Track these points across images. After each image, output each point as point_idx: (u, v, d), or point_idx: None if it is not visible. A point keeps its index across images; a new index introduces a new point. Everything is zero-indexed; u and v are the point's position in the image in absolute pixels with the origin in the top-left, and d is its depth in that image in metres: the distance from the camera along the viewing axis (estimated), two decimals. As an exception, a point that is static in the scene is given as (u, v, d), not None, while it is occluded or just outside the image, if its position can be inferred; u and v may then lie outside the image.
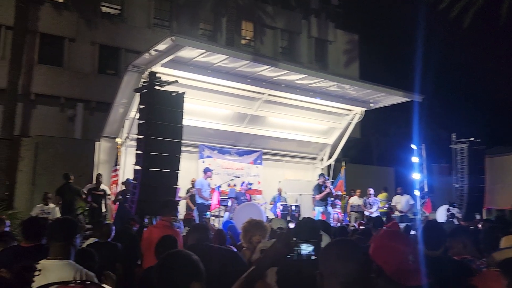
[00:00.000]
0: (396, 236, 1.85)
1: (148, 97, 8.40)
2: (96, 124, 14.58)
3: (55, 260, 2.85)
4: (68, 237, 2.95)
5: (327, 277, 1.66)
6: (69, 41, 16.54)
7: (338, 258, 1.66)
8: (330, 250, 1.73)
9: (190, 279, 1.90)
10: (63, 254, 2.89)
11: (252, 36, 21.13)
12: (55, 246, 2.90)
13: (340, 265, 1.64)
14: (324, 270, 1.68)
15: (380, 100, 14.00)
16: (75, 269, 2.85)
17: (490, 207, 17.72)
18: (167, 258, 2.04)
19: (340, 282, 1.62)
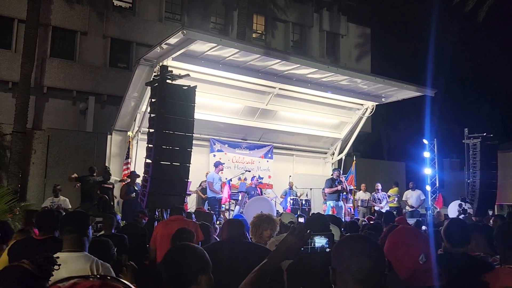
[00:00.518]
0: (413, 234, 1.87)
1: (160, 91, 8.40)
2: (108, 118, 14.69)
3: (70, 252, 2.86)
4: (80, 229, 2.97)
5: (340, 273, 1.61)
6: (81, 35, 16.61)
7: (352, 254, 1.61)
8: (344, 245, 1.68)
9: (197, 272, 1.89)
10: (77, 246, 2.90)
11: (263, 30, 21.03)
12: (68, 238, 2.91)
13: (354, 261, 1.59)
14: (337, 266, 1.63)
15: (392, 95, 13.89)
16: (91, 260, 2.86)
17: (502, 203, 17.54)
18: (174, 252, 2.02)
19: (353, 279, 1.58)
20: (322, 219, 3.89)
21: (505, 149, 18.10)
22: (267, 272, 1.93)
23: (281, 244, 1.96)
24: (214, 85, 12.20)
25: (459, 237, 3.13)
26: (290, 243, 1.92)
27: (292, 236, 1.93)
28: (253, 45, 12.06)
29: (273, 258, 1.94)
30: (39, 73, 15.45)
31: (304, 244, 1.93)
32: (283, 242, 1.95)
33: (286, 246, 1.93)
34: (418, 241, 1.80)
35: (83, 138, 13.67)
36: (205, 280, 1.90)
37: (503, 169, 15.83)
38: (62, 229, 2.98)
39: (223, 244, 3.49)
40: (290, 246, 1.92)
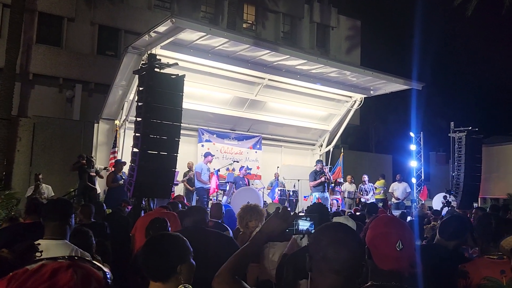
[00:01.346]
0: (391, 222, 1.90)
1: (147, 79, 8.32)
2: (95, 106, 14.54)
3: (50, 240, 2.85)
4: (63, 217, 2.96)
5: (317, 261, 1.60)
6: (68, 21, 16.36)
7: (329, 243, 1.59)
8: (322, 233, 1.65)
9: (177, 262, 1.86)
10: (58, 233, 2.89)
11: (253, 20, 20.93)
12: (50, 225, 2.91)
13: (330, 251, 1.57)
14: (314, 254, 1.62)
15: (380, 87, 13.95)
16: (71, 248, 2.86)
17: (485, 196, 17.84)
18: (152, 242, 1.98)
19: (329, 268, 1.57)
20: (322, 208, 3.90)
21: (490, 143, 18.38)
22: (249, 255, 1.91)
23: (264, 226, 1.94)
24: (203, 74, 12.13)
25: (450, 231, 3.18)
26: (274, 225, 1.90)
27: (276, 218, 1.90)
28: (243, 35, 12.02)
29: (257, 240, 1.92)
30: (24, 60, 15.20)
31: (288, 226, 1.91)
32: (267, 224, 1.93)
33: (270, 228, 1.90)
34: (396, 229, 1.83)
35: (69, 126, 13.53)
36: (185, 269, 1.88)
37: (487, 163, 16.08)
38: (45, 216, 2.97)
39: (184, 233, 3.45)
40: (274, 228, 1.89)
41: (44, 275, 0.86)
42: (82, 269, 0.89)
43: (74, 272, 0.86)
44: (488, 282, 2.64)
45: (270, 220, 1.92)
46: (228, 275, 1.81)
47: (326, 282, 1.58)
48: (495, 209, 7.92)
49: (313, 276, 1.63)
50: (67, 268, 0.87)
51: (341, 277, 1.56)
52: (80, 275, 0.86)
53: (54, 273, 0.86)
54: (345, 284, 1.58)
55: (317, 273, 1.61)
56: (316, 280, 1.62)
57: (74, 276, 0.86)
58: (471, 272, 2.72)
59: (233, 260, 1.86)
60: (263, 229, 1.93)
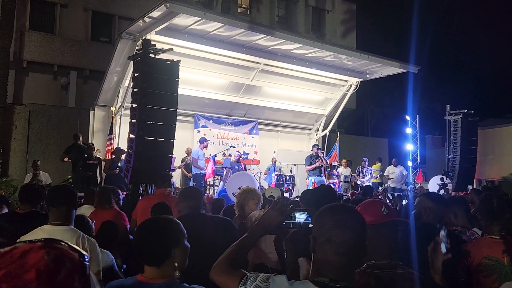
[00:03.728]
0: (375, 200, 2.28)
1: (143, 65, 8.29)
2: (90, 93, 14.47)
3: (56, 225, 2.86)
4: (69, 203, 2.96)
5: (321, 244, 1.62)
6: (60, 7, 16.17)
7: (334, 226, 1.60)
8: (327, 216, 1.66)
9: (171, 246, 1.86)
10: (64, 219, 2.89)
11: (248, 4, 20.73)
12: (57, 211, 2.90)
13: (335, 234, 1.60)
14: (318, 236, 1.63)
15: (376, 71, 13.93)
16: (77, 234, 2.86)
17: (480, 178, 17.99)
18: (145, 226, 1.97)
19: (334, 251, 1.59)
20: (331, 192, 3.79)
21: (485, 126, 18.47)
22: (246, 246, 1.94)
23: (262, 218, 1.96)
24: (199, 60, 12.07)
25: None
26: (271, 217, 1.91)
27: (273, 211, 1.92)
28: (237, 20, 11.91)
29: (254, 232, 1.94)
30: (18, 47, 15.05)
31: (285, 219, 1.93)
32: (264, 217, 1.94)
33: (266, 220, 1.92)
34: (380, 201, 2.16)
35: (65, 113, 13.46)
36: (179, 252, 1.89)
37: (482, 145, 16.19)
38: (52, 201, 2.95)
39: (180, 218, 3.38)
40: (271, 221, 1.91)
41: (14, 255, 0.86)
42: (55, 250, 0.89)
43: (46, 253, 0.87)
44: (489, 261, 2.68)
45: (267, 213, 1.94)
46: (225, 265, 1.83)
47: (330, 263, 1.60)
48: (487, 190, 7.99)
49: (317, 258, 1.66)
50: (39, 249, 0.87)
51: (345, 258, 1.59)
52: (52, 256, 0.87)
53: (25, 253, 0.86)
54: (350, 265, 1.61)
55: (321, 255, 1.63)
56: (320, 262, 1.64)
57: (45, 257, 0.86)
58: (473, 251, 2.76)
59: (231, 251, 1.89)
60: (260, 222, 1.95)
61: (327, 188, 3.88)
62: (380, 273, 1.92)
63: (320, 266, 1.65)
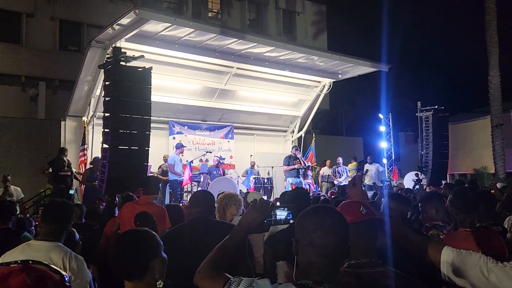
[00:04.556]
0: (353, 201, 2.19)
1: (114, 74, 8.18)
2: (61, 103, 14.14)
3: (43, 241, 2.79)
4: (63, 220, 2.91)
5: (304, 246, 1.61)
6: (26, 17, 15.80)
7: (316, 229, 1.59)
8: (309, 218, 1.65)
9: (149, 258, 1.83)
10: (53, 236, 2.83)
11: (219, 9, 20.71)
12: (45, 227, 2.86)
13: (318, 236, 1.59)
14: (301, 239, 1.63)
15: (348, 71, 14.11)
16: (64, 251, 2.78)
17: (453, 172, 18.44)
18: (121, 242, 1.94)
19: (316, 253, 1.58)
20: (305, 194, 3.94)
21: (455, 121, 18.96)
22: (229, 248, 1.92)
23: (243, 218, 1.95)
24: (171, 66, 11.98)
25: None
26: (252, 217, 1.91)
27: (253, 210, 1.91)
28: (208, 24, 11.89)
29: (236, 233, 1.93)
30: (-17, 59, 14.65)
31: (267, 217, 1.92)
32: (245, 217, 1.94)
33: (248, 220, 1.91)
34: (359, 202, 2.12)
35: (35, 125, 13.14)
36: (158, 264, 1.85)
37: (454, 140, 16.60)
38: (44, 216, 2.94)
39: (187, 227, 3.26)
40: (253, 220, 1.90)
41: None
42: (36, 272, 0.87)
43: (28, 276, 0.84)
44: None
45: (247, 213, 1.93)
46: (209, 269, 1.81)
47: (313, 265, 1.59)
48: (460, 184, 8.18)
49: (300, 260, 1.64)
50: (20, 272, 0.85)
51: (329, 260, 1.58)
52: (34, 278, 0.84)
53: (5, 277, 0.84)
54: (333, 266, 1.61)
55: (304, 257, 1.62)
56: (303, 264, 1.63)
57: (27, 280, 0.84)
58: (450, 244, 2.80)
59: (213, 255, 1.87)
60: (241, 222, 1.94)
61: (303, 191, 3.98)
62: (360, 272, 1.93)
63: (303, 268, 1.64)
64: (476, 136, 18.39)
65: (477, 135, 18.25)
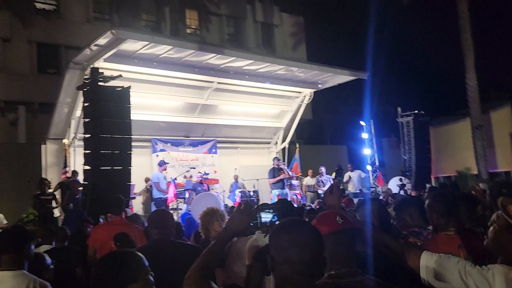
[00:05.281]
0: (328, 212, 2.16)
1: (92, 94, 8.15)
2: (41, 127, 13.97)
3: (6, 271, 2.74)
4: (19, 248, 2.84)
5: (279, 263, 1.59)
6: (3, 42, 15.70)
7: (290, 245, 1.58)
8: (282, 235, 1.63)
9: (126, 282, 1.78)
10: (14, 264, 2.78)
11: (197, 25, 20.84)
12: (6, 257, 2.79)
13: (292, 253, 1.57)
14: (276, 256, 1.61)
15: (328, 80, 14.24)
16: (28, 279, 2.74)
17: (438, 175, 18.65)
18: (99, 264, 1.90)
19: (292, 270, 1.57)
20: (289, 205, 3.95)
21: (436, 124, 19.21)
22: (216, 253, 1.91)
23: (228, 222, 1.95)
24: (151, 83, 11.95)
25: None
26: (237, 220, 1.91)
27: (239, 213, 1.92)
28: (186, 41, 11.96)
29: (222, 237, 1.92)
30: (-41, 86, 14.45)
31: (252, 220, 1.93)
32: (230, 220, 1.94)
33: (234, 223, 1.91)
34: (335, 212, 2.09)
35: (15, 150, 12.94)
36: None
37: (436, 143, 16.83)
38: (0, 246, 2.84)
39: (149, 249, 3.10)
40: (238, 223, 1.90)
41: None
42: None
43: None
44: None
45: (233, 216, 1.94)
46: (197, 276, 1.80)
47: (291, 281, 1.58)
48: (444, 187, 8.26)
49: (276, 277, 1.63)
50: None
51: (305, 275, 1.57)
52: None
53: None
54: (310, 280, 1.60)
55: (279, 274, 1.60)
56: (279, 281, 1.61)
57: None
58: (431, 249, 2.81)
59: (201, 260, 1.86)
60: (227, 226, 1.94)
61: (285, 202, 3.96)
62: (340, 282, 1.93)
63: (279, 284, 1.62)
64: (458, 138, 18.65)
65: (459, 137, 18.52)
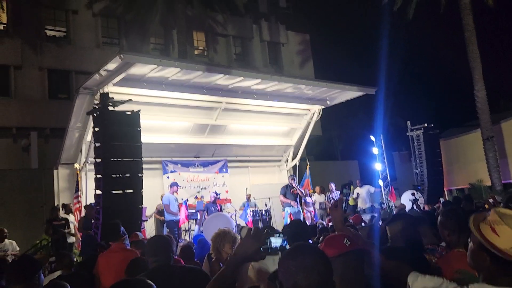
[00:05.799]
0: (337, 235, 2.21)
1: (102, 119, 8.24)
2: (53, 152, 14.13)
3: None
4: (29, 278, 2.84)
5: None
6: (14, 69, 16.01)
7: (298, 270, 1.59)
8: (290, 260, 1.65)
9: None
10: None
11: (204, 46, 21.10)
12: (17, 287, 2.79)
13: (301, 278, 1.57)
14: (284, 281, 1.62)
15: (336, 97, 14.23)
16: None
17: (451, 188, 18.39)
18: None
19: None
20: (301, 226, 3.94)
21: (447, 137, 19.06)
22: (226, 277, 1.90)
23: (238, 247, 1.95)
24: (160, 106, 12.06)
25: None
26: (247, 245, 1.91)
27: (248, 238, 1.92)
28: (194, 62, 12.06)
29: (232, 262, 1.92)
30: (-27, 114, 14.73)
31: (262, 244, 1.93)
32: (240, 245, 1.94)
33: (243, 248, 1.91)
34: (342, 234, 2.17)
35: (28, 176, 13.10)
36: None
37: (447, 155, 16.65)
38: (8, 279, 2.85)
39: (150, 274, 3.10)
40: (248, 248, 1.90)
41: None
42: None
43: None
44: (460, 275, 2.68)
45: (243, 241, 1.94)
46: None
47: None
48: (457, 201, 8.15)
49: None
50: None
51: None
52: None
53: None
54: None
55: None
56: None
57: None
58: (443, 267, 2.76)
59: (212, 286, 1.86)
60: (236, 251, 1.94)
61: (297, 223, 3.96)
62: None
63: None
64: (469, 149, 18.45)
65: (470, 149, 18.31)
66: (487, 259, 1.82)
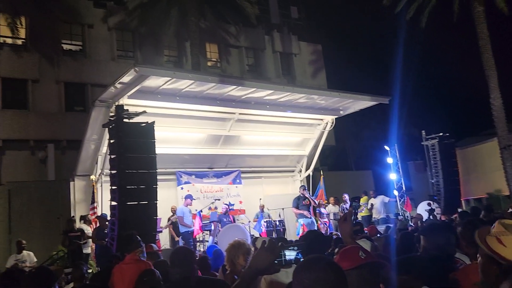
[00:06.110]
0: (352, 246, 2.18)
1: (117, 131, 8.35)
2: (69, 164, 14.33)
3: None
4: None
5: None
6: (32, 83, 16.34)
7: (312, 283, 1.59)
8: (304, 273, 1.65)
9: None
10: None
11: (217, 57, 21.29)
12: None
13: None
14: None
15: (349, 107, 14.19)
16: None
17: (468, 198, 18.12)
18: None
19: None
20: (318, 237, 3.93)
21: (463, 146, 18.84)
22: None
23: (252, 260, 1.95)
24: (174, 117, 12.17)
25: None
26: (261, 258, 1.90)
27: (263, 251, 1.91)
28: (207, 74, 12.17)
29: (246, 275, 1.92)
30: (-8, 127, 15.04)
31: (276, 257, 1.93)
32: (254, 258, 1.94)
33: (258, 261, 1.91)
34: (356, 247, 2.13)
35: (45, 187, 13.30)
36: None
37: (464, 165, 16.43)
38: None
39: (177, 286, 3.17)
40: (262, 261, 1.90)
41: None
42: None
43: None
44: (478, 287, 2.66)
45: (257, 254, 1.94)
46: None
47: None
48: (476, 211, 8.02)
49: None
50: None
51: None
52: None
53: None
54: None
55: None
56: None
57: None
58: (462, 279, 2.73)
59: None
60: (251, 264, 1.94)
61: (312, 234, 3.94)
62: None
63: None
64: (487, 159, 18.21)
65: (488, 158, 18.08)
66: (497, 271, 1.81)
